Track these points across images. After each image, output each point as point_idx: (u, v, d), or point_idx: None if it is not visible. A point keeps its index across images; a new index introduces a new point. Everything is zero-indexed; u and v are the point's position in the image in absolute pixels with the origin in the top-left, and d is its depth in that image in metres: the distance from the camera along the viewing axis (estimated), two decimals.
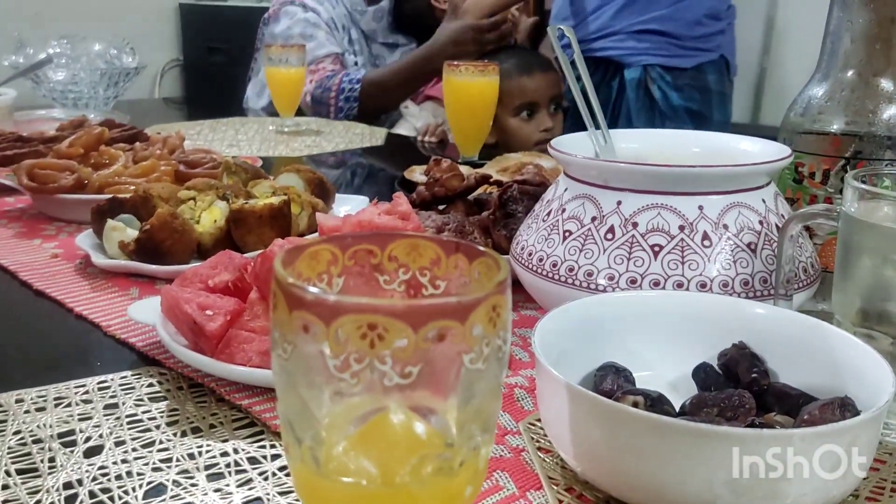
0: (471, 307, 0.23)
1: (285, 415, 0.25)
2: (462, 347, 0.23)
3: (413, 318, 0.22)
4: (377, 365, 0.22)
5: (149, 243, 0.64)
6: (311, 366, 0.23)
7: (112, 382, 0.49)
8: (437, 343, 0.22)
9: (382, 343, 0.22)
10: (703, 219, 0.48)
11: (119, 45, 1.56)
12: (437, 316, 0.22)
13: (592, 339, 0.45)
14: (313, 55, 1.66)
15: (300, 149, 1.35)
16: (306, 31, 1.68)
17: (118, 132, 1.05)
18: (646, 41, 1.50)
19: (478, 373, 0.23)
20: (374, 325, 0.22)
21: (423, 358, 0.22)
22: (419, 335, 0.22)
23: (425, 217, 0.70)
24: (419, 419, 0.24)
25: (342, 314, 0.22)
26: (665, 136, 0.62)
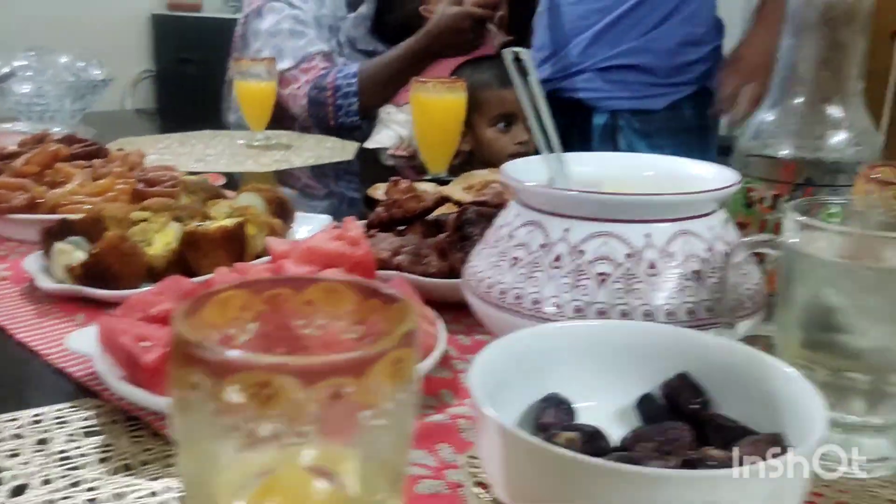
0: (369, 363, 0.22)
1: (184, 473, 0.24)
2: (360, 405, 0.22)
3: (305, 375, 0.21)
4: (268, 423, 0.21)
5: (96, 267, 0.63)
6: (204, 424, 0.22)
7: (45, 416, 0.47)
8: (332, 400, 0.21)
9: (274, 402, 0.21)
10: (649, 247, 0.48)
11: (86, 57, 1.54)
12: (330, 373, 0.21)
13: (537, 369, 0.45)
14: (305, 52, 1.62)
15: (269, 164, 1.33)
16: (296, 28, 1.63)
17: (79, 148, 1.04)
18: (615, 80, 1.44)
19: (380, 428, 0.23)
20: (264, 383, 0.21)
21: (317, 417, 0.21)
22: (312, 393, 0.21)
23: (382, 239, 0.70)
24: (317, 477, 0.23)
25: (232, 372, 0.21)
26: (620, 160, 0.62)
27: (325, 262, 0.55)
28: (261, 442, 0.21)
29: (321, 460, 0.23)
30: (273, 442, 0.21)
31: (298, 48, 1.62)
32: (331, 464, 0.23)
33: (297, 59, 1.61)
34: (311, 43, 1.63)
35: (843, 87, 0.54)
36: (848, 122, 0.54)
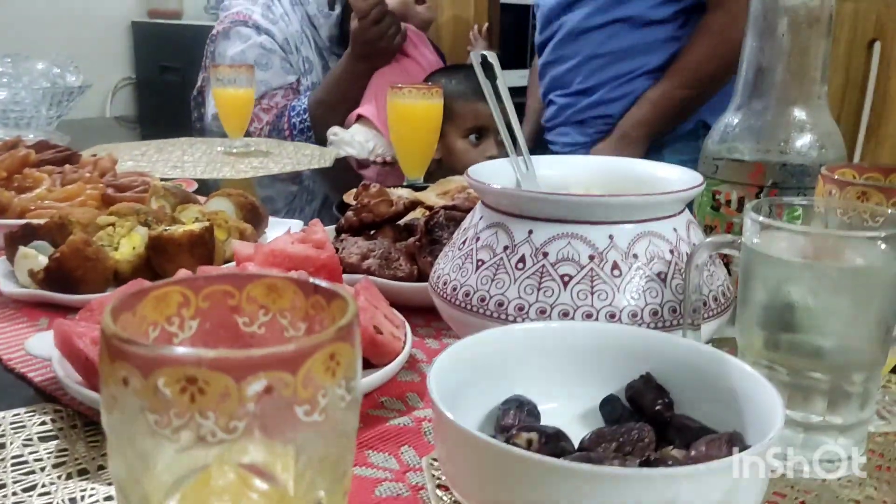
0: (303, 357, 0.21)
1: (114, 474, 0.23)
2: (293, 399, 0.21)
3: (235, 370, 0.21)
4: (199, 420, 0.21)
5: (59, 272, 0.62)
6: (133, 421, 0.21)
7: (3, 420, 0.47)
8: (265, 395, 0.21)
9: (203, 397, 0.21)
10: (613, 248, 0.48)
11: (63, 63, 1.53)
12: (262, 367, 0.21)
13: (500, 371, 0.44)
14: (268, 86, 1.63)
15: (246, 170, 1.33)
16: (261, 60, 1.64)
17: (51, 154, 1.03)
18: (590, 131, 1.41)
19: (315, 424, 0.22)
20: (193, 378, 0.20)
21: (248, 412, 0.21)
22: (242, 388, 0.21)
23: (352, 243, 0.69)
24: (253, 476, 0.22)
25: (160, 366, 0.21)
26: (586, 163, 0.62)
27: (290, 265, 0.54)
28: (193, 439, 0.21)
29: (257, 458, 0.22)
30: (206, 439, 0.21)
31: (263, 82, 1.63)
32: (268, 462, 0.22)
33: (259, 92, 1.62)
34: (275, 76, 1.65)
35: (807, 90, 0.54)
36: (812, 125, 0.54)
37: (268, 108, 1.66)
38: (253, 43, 1.64)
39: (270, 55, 1.65)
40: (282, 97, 1.67)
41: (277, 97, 1.66)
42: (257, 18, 1.66)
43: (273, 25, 1.67)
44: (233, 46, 1.66)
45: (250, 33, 1.65)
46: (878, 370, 0.40)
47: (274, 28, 1.67)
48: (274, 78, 1.65)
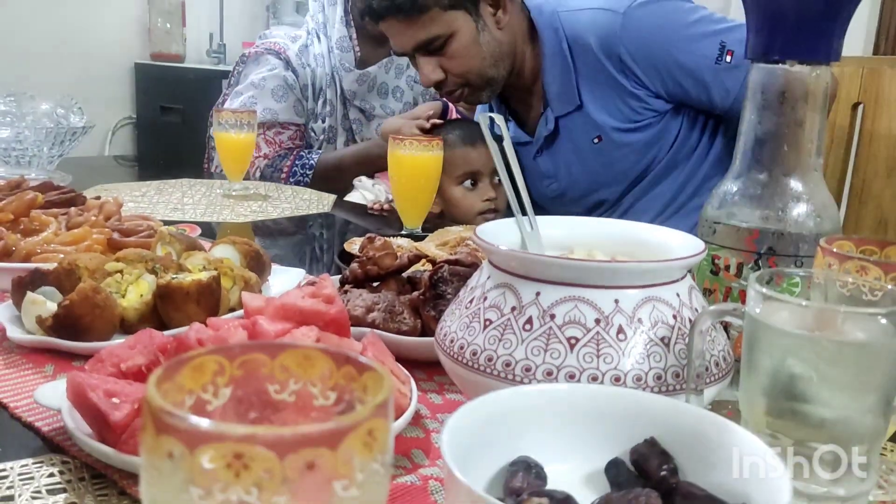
0: (343, 433, 0.22)
1: None
2: (333, 475, 0.22)
3: (280, 447, 0.21)
4: (242, 496, 0.22)
5: (67, 319, 0.63)
6: (176, 494, 0.22)
7: (11, 472, 0.47)
8: (306, 472, 0.22)
9: (248, 472, 0.21)
10: (618, 312, 0.49)
11: (67, 104, 1.55)
12: (305, 444, 0.22)
13: (507, 431, 0.45)
14: (275, 116, 1.65)
15: (246, 214, 1.34)
16: (278, 91, 1.66)
17: (55, 195, 1.04)
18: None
19: (353, 500, 0.23)
20: (239, 454, 0.21)
21: (290, 488, 0.22)
22: (286, 464, 0.21)
23: (356, 296, 0.70)
24: None
25: (207, 441, 0.21)
26: (590, 225, 0.63)
27: (300, 320, 0.55)
28: None
29: None
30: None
31: (270, 110, 1.65)
32: None
33: (264, 118, 1.64)
34: (286, 111, 1.67)
35: (803, 162, 0.57)
36: (808, 196, 0.56)
37: (271, 141, 1.66)
38: (277, 74, 1.66)
39: (288, 91, 1.66)
40: (288, 138, 1.68)
41: (283, 136, 1.68)
42: (290, 55, 1.68)
43: (302, 69, 1.69)
44: (257, 71, 1.66)
45: (278, 64, 1.67)
46: (880, 441, 0.41)
47: (302, 72, 1.69)
48: (283, 112, 1.66)
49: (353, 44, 1.70)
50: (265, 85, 1.65)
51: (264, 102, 1.65)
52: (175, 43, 2.61)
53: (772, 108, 0.56)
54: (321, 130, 1.73)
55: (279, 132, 1.68)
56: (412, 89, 1.80)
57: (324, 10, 1.72)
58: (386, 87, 1.76)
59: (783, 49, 0.56)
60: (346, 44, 1.69)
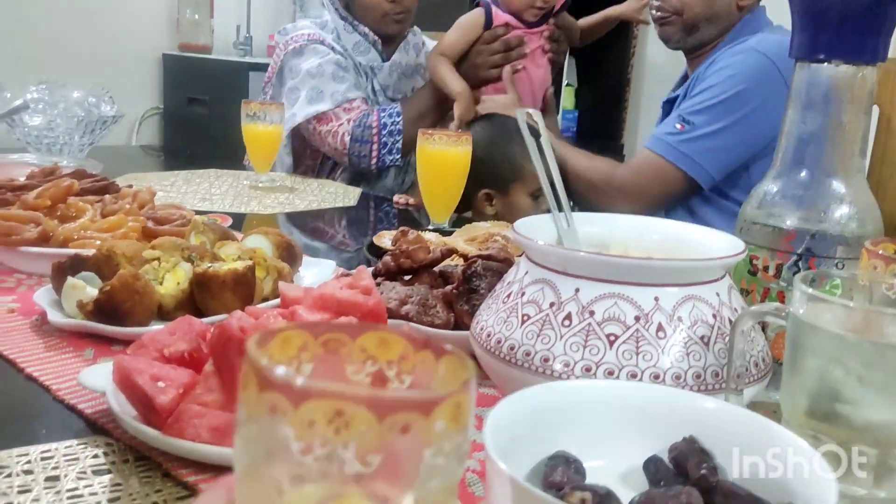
0: (436, 402, 0.23)
1: (244, 498, 0.25)
2: (424, 441, 0.23)
3: (380, 408, 0.22)
4: (340, 452, 0.23)
5: (108, 304, 0.64)
6: (275, 448, 0.23)
7: (56, 452, 0.48)
8: (401, 434, 0.23)
9: (347, 430, 0.22)
10: (658, 310, 0.49)
11: (98, 93, 1.57)
12: (402, 408, 0.23)
13: (546, 426, 0.45)
14: (344, 96, 1.63)
15: (273, 206, 1.35)
16: (338, 73, 1.63)
17: (89, 182, 1.05)
18: None
19: (437, 468, 0.24)
20: (341, 411, 0.22)
21: (385, 448, 0.23)
22: (384, 425, 0.22)
23: (389, 288, 0.71)
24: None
25: (311, 398, 0.22)
26: (626, 222, 0.63)
27: (337, 310, 0.55)
28: (333, 470, 0.23)
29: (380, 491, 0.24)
30: (344, 471, 0.23)
31: (338, 92, 1.63)
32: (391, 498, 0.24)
33: (336, 102, 1.63)
34: (350, 89, 1.65)
35: (846, 163, 0.56)
36: (851, 197, 0.56)
37: (348, 108, 1.64)
38: (329, 59, 1.63)
39: (346, 72, 1.65)
40: (361, 101, 1.65)
41: (356, 102, 1.64)
42: (331, 42, 1.67)
43: (345, 51, 1.68)
44: (308, 61, 1.64)
45: (326, 50, 1.65)
46: None
47: (345, 52, 1.68)
48: (349, 90, 1.64)
49: (370, 41, 1.68)
50: (323, 71, 1.63)
51: (329, 88, 1.63)
52: (203, 34, 2.63)
53: (815, 108, 0.56)
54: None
55: (352, 100, 1.64)
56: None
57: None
58: (411, 69, 1.75)
59: (828, 48, 0.55)
60: (363, 47, 1.68)
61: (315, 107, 1.62)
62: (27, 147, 1.51)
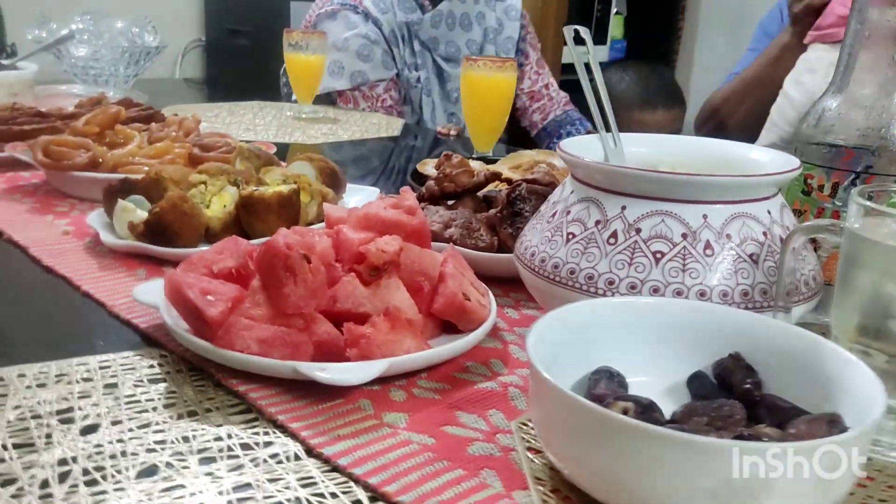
0: None
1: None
2: None
3: None
4: None
5: (158, 225, 0.65)
6: None
7: (113, 362, 0.49)
8: None
9: None
10: (706, 227, 0.48)
11: (141, 23, 1.57)
12: None
13: (589, 342, 0.45)
14: (364, 78, 1.60)
15: (316, 136, 1.35)
16: (363, 51, 1.59)
17: (135, 111, 1.06)
18: None
19: None
20: None
21: None
22: None
23: (433, 212, 0.71)
24: None
25: None
26: (675, 142, 0.62)
27: (382, 230, 0.56)
28: None
29: None
30: None
31: (358, 72, 1.60)
32: None
33: (354, 82, 1.61)
34: (373, 69, 1.61)
35: None
36: None
37: (368, 95, 1.63)
38: (358, 32, 1.58)
39: (373, 47, 1.60)
40: (383, 90, 1.63)
41: (378, 89, 1.63)
42: (368, 5, 1.60)
43: (382, 15, 1.61)
44: (336, 30, 1.59)
45: (357, 21, 1.59)
46: None
47: (382, 18, 1.61)
48: (372, 71, 1.61)
49: (420, 1, 1.63)
50: (349, 46, 1.59)
51: (352, 65, 1.60)
52: None
53: (879, 17, 0.53)
54: (416, 80, 1.65)
55: (374, 85, 1.63)
56: (494, 10, 1.73)
57: None
58: (467, 18, 1.67)
59: None
60: (408, 4, 1.63)
61: (334, 82, 1.60)
62: (74, 78, 1.53)
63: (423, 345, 0.50)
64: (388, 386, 0.48)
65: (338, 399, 0.46)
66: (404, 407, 0.46)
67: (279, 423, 0.43)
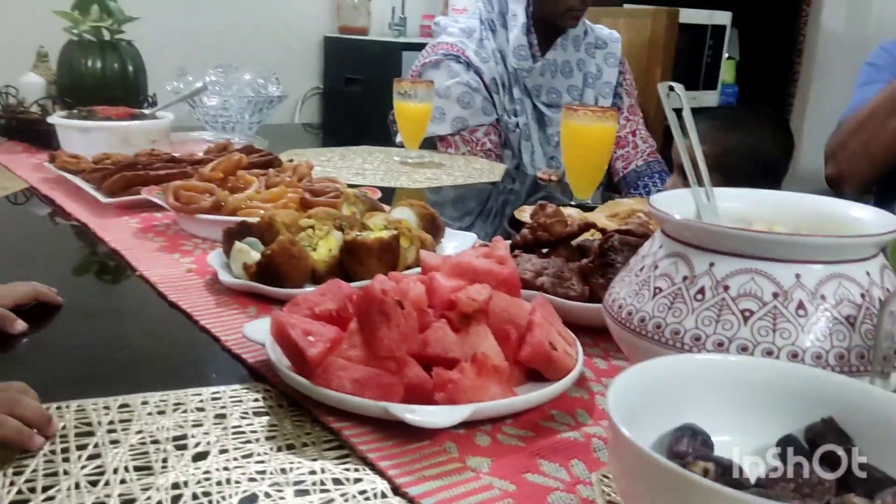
0: None
1: None
2: None
3: None
4: None
5: (268, 267, 0.70)
6: None
7: (223, 394, 0.54)
8: None
9: None
10: (799, 287, 0.48)
11: (266, 75, 1.69)
12: None
13: (673, 397, 0.45)
14: (465, 124, 1.67)
15: (420, 181, 1.40)
16: (464, 98, 1.66)
17: (256, 157, 1.15)
18: None
19: None
20: None
21: None
22: None
23: (526, 259, 0.73)
24: None
25: None
26: (770, 198, 0.61)
27: (473, 278, 0.58)
28: None
29: None
30: None
31: (458, 118, 1.67)
32: None
33: (455, 128, 1.67)
34: (473, 115, 1.67)
35: None
36: None
37: (468, 140, 1.69)
38: (460, 80, 1.66)
39: (474, 94, 1.67)
40: (483, 134, 1.69)
41: (478, 133, 1.68)
42: (470, 55, 1.67)
43: (483, 64, 1.68)
44: (440, 79, 1.67)
45: (460, 69, 1.67)
46: None
47: (483, 67, 1.67)
48: (473, 117, 1.67)
49: (533, 51, 1.67)
50: (450, 94, 1.66)
51: (452, 112, 1.67)
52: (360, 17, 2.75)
53: None
54: (515, 125, 1.70)
55: (474, 130, 1.68)
56: (594, 56, 1.76)
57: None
58: (569, 65, 1.72)
59: None
60: (523, 52, 1.66)
61: (435, 127, 1.66)
62: (205, 125, 1.66)
63: (508, 391, 0.52)
64: (474, 430, 0.50)
65: (425, 440, 0.48)
66: (488, 452, 0.47)
67: (369, 460, 0.46)
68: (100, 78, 1.54)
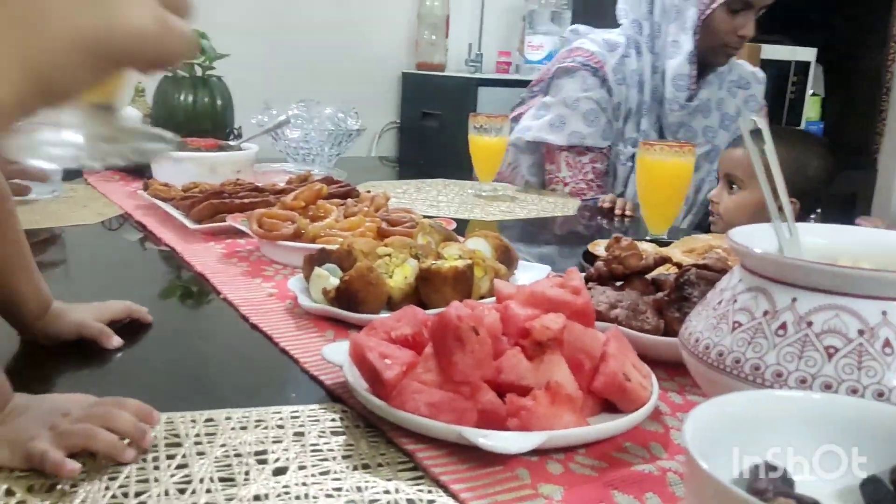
0: None
1: None
2: None
3: None
4: None
5: (347, 292, 0.72)
6: None
7: (302, 413, 0.56)
8: None
9: None
10: (886, 325, 0.46)
11: (346, 109, 1.75)
12: None
13: (752, 434, 0.45)
14: (582, 141, 1.60)
15: (494, 213, 1.42)
16: (590, 115, 1.59)
17: (335, 188, 1.19)
18: None
19: None
20: None
21: None
22: None
23: (600, 292, 0.72)
24: None
25: None
26: (856, 234, 0.60)
27: (547, 307, 0.58)
28: None
29: None
30: None
31: (576, 133, 1.60)
32: None
33: (570, 141, 1.61)
34: (594, 135, 1.60)
35: None
36: None
37: (572, 164, 1.63)
38: (591, 95, 1.58)
39: (601, 114, 1.60)
40: (589, 161, 1.63)
41: (585, 159, 1.63)
42: (608, 71, 1.58)
43: (618, 87, 1.59)
44: (571, 87, 1.60)
45: (594, 84, 1.59)
46: None
47: (617, 90, 1.60)
48: (590, 137, 1.60)
49: (691, 81, 1.56)
50: (578, 107, 1.59)
51: (573, 125, 1.60)
52: (438, 53, 2.81)
53: None
54: (628, 157, 1.62)
55: (582, 152, 1.63)
56: (735, 97, 1.66)
57: (651, 20, 1.59)
58: (709, 104, 1.63)
59: None
60: (682, 82, 1.56)
61: (549, 134, 1.61)
62: (286, 157, 1.72)
63: (581, 421, 0.52)
64: (546, 458, 0.50)
65: (497, 466, 0.48)
66: (560, 480, 0.47)
67: (442, 483, 0.47)
68: (191, 111, 1.62)
